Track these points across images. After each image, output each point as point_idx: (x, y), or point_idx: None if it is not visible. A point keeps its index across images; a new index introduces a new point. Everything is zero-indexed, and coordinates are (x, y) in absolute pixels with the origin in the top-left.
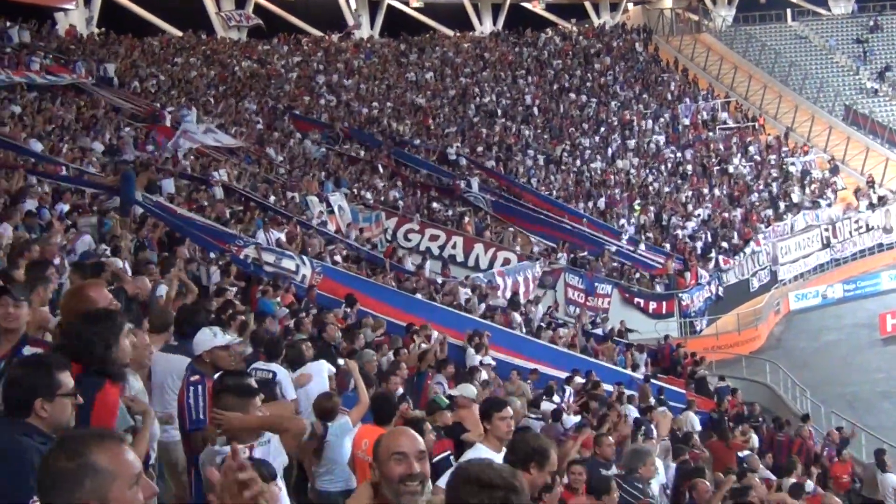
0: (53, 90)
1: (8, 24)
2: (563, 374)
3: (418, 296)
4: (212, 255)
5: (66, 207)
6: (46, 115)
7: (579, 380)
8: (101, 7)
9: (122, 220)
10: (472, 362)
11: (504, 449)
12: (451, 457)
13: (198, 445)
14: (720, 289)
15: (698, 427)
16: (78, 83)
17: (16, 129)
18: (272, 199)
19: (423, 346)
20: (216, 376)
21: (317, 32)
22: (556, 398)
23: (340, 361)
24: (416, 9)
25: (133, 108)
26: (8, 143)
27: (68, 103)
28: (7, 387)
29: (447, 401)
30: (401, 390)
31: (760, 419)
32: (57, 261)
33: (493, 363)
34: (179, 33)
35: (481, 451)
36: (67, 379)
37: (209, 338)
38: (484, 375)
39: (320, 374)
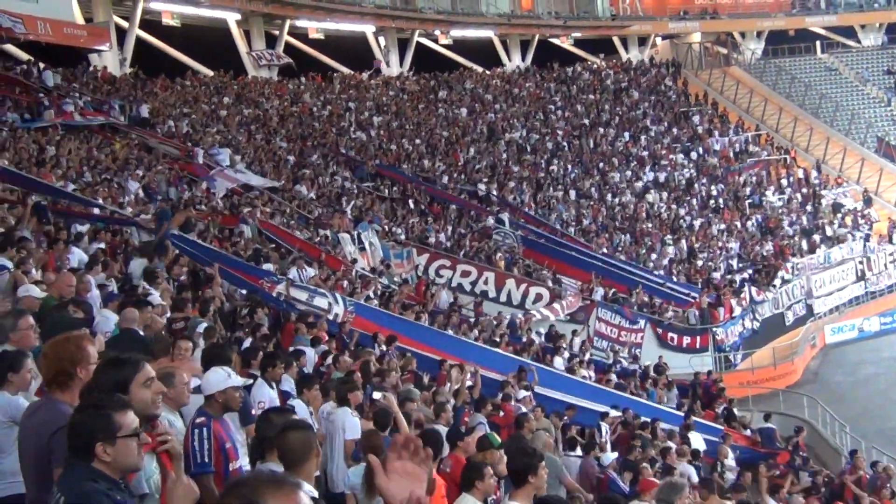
0: (87, 131)
1: (42, 66)
2: (601, 410)
3: (450, 332)
4: (242, 292)
5: (101, 246)
6: (81, 156)
7: (615, 413)
8: (133, 48)
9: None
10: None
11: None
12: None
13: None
14: (755, 322)
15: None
16: (112, 123)
17: (47, 171)
18: (304, 235)
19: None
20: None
21: (347, 70)
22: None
23: (377, 395)
24: (445, 46)
25: (167, 147)
26: (43, 186)
27: (103, 144)
28: (69, 432)
29: (499, 439)
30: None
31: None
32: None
33: (529, 394)
34: (211, 73)
35: None
36: (128, 420)
37: (223, 378)
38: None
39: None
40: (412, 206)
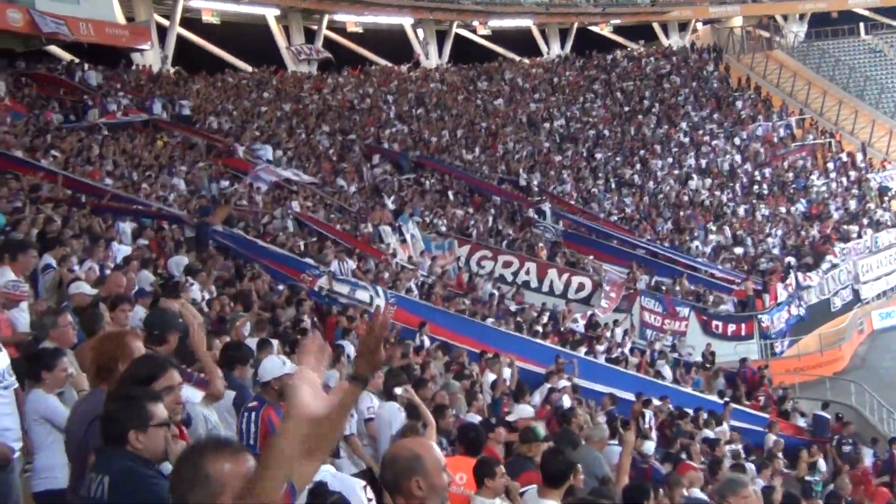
0: (130, 129)
1: (87, 66)
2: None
3: (489, 322)
4: (280, 287)
5: (146, 242)
6: (126, 155)
7: (656, 402)
8: (175, 46)
9: (198, 254)
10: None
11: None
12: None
13: None
14: (801, 308)
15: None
16: (154, 120)
17: (95, 169)
18: (345, 229)
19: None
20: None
21: (385, 63)
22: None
23: (399, 391)
24: (483, 36)
25: (209, 144)
26: (86, 185)
27: (146, 142)
28: (102, 421)
29: (543, 432)
30: (478, 418)
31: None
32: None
33: (568, 385)
34: (251, 69)
35: None
36: (160, 410)
37: (278, 366)
38: (566, 401)
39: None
40: (452, 197)
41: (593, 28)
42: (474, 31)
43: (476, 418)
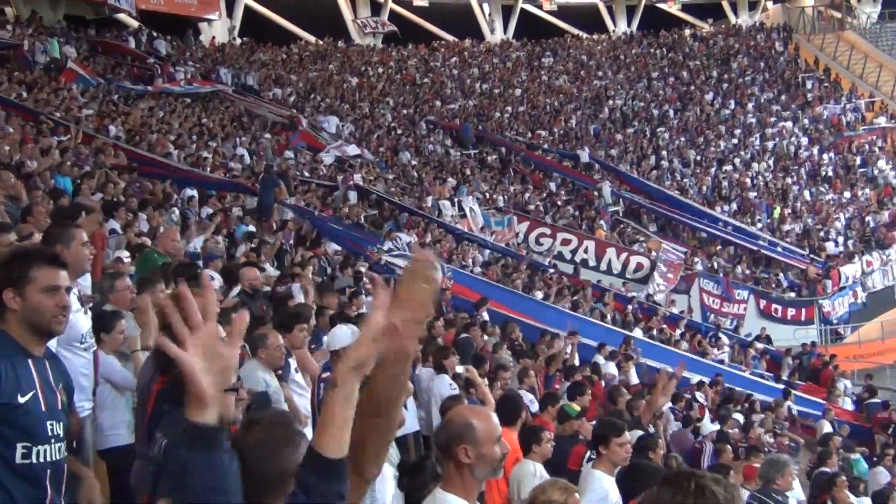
0: (196, 98)
1: (156, 35)
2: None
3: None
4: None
5: (210, 210)
6: (190, 123)
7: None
8: (242, 17)
9: (260, 223)
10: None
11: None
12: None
13: None
14: (863, 295)
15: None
16: (219, 90)
17: (162, 138)
18: (407, 202)
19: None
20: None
21: (451, 38)
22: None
23: (460, 369)
24: (549, 12)
25: (272, 115)
26: (152, 159)
27: (212, 111)
28: (169, 385)
29: (577, 409)
30: (530, 396)
31: None
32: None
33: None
34: (316, 40)
35: (595, 476)
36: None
37: (347, 335)
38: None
39: None
40: (513, 173)
41: (661, 5)
42: (540, 7)
43: (528, 396)
